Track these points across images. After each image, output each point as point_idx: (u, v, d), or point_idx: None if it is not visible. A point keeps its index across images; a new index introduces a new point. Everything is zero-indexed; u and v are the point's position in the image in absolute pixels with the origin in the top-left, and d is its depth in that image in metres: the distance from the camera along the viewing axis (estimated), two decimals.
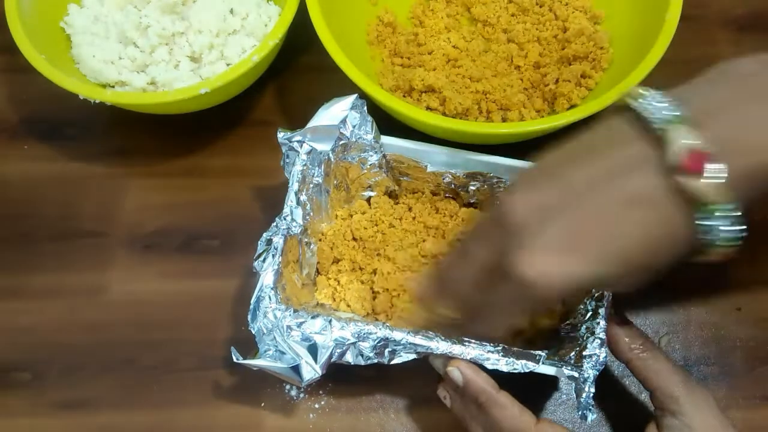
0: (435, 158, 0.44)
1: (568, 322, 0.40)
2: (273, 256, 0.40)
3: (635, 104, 0.30)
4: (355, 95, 0.43)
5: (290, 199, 0.42)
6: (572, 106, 0.50)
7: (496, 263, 0.31)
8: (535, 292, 0.30)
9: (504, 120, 0.50)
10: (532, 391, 0.43)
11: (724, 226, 0.29)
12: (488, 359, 0.37)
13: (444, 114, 0.49)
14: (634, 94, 0.30)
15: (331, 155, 0.43)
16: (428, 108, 0.50)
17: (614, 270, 0.30)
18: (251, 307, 0.38)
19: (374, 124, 0.43)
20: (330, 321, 0.38)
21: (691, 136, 0.28)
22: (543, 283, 0.29)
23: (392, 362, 0.38)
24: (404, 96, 0.51)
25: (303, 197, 0.42)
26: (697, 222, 0.28)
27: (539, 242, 0.29)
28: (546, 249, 0.29)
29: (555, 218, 0.29)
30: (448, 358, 0.38)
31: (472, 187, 0.45)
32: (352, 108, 0.43)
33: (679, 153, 0.28)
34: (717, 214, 0.28)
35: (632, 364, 0.37)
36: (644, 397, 0.43)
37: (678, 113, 0.29)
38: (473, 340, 0.39)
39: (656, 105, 0.29)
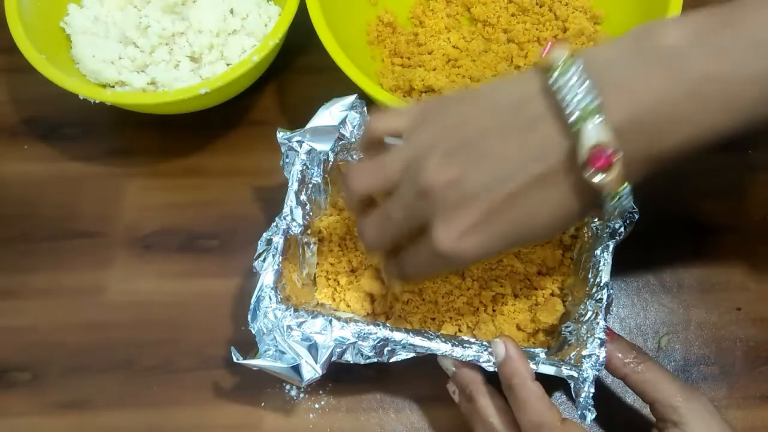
0: None
1: (568, 322, 0.40)
2: (273, 255, 0.40)
3: (554, 82, 0.30)
4: (355, 95, 0.43)
5: (290, 198, 0.42)
6: None
7: (415, 227, 0.34)
8: (449, 261, 0.33)
9: None
10: None
11: (624, 204, 0.31)
12: (488, 360, 0.37)
13: None
14: (557, 63, 0.30)
15: (330, 155, 0.43)
16: None
17: (521, 243, 0.35)
18: (251, 306, 0.38)
19: None
20: (330, 321, 0.38)
21: (602, 133, 0.29)
22: (456, 255, 0.32)
23: (391, 360, 0.38)
24: (404, 96, 0.51)
25: (303, 197, 0.42)
26: (604, 204, 0.31)
27: (461, 222, 0.32)
28: (466, 229, 0.32)
29: (476, 201, 0.31)
30: (458, 361, 0.38)
31: None
32: (352, 108, 0.43)
33: (590, 152, 0.29)
34: (619, 198, 0.30)
35: (628, 379, 0.37)
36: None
37: (591, 104, 0.29)
38: (473, 341, 0.39)
39: (574, 85, 0.29)
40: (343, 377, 0.43)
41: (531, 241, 0.37)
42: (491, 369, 0.37)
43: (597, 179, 0.29)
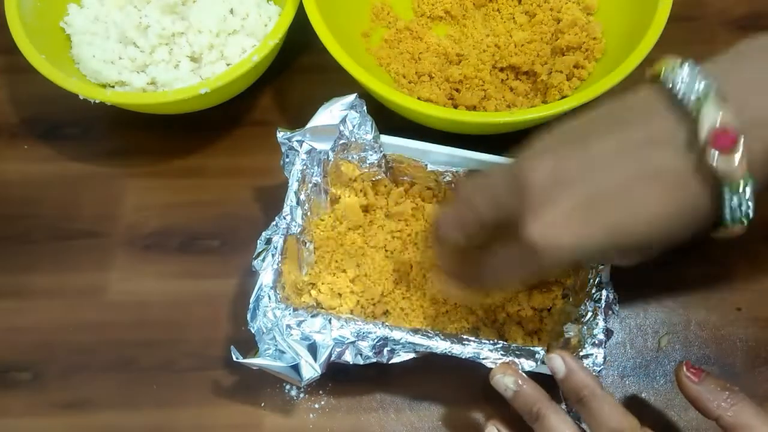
0: (435, 158, 0.44)
1: (568, 322, 0.40)
2: (272, 255, 0.40)
3: (666, 75, 0.29)
4: (355, 95, 0.43)
5: (290, 198, 0.42)
6: (563, 98, 0.50)
7: (502, 221, 0.31)
8: (543, 258, 0.29)
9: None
10: None
11: (743, 203, 0.28)
12: (487, 358, 0.37)
13: None
14: (667, 65, 0.29)
15: (330, 155, 0.43)
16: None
17: (624, 242, 0.30)
18: (251, 306, 0.38)
19: (374, 123, 0.43)
20: (329, 320, 0.38)
21: (722, 113, 0.27)
22: (552, 251, 0.29)
23: (391, 361, 0.38)
24: (410, 83, 0.52)
25: (302, 197, 0.42)
26: (723, 199, 0.28)
27: (554, 211, 0.29)
28: (560, 218, 0.29)
29: (572, 188, 0.29)
30: (520, 377, 0.36)
31: None
32: (351, 107, 0.43)
33: (711, 130, 0.27)
34: (740, 191, 0.28)
35: (722, 421, 0.33)
36: (644, 396, 0.43)
37: (710, 88, 0.27)
38: (472, 339, 0.39)
39: (688, 78, 0.28)
40: (343, 377, 0.43)
41: (632, 239, 0.30)
42: (491, 366, 0.37)
43: (718, 162, 0.27)
